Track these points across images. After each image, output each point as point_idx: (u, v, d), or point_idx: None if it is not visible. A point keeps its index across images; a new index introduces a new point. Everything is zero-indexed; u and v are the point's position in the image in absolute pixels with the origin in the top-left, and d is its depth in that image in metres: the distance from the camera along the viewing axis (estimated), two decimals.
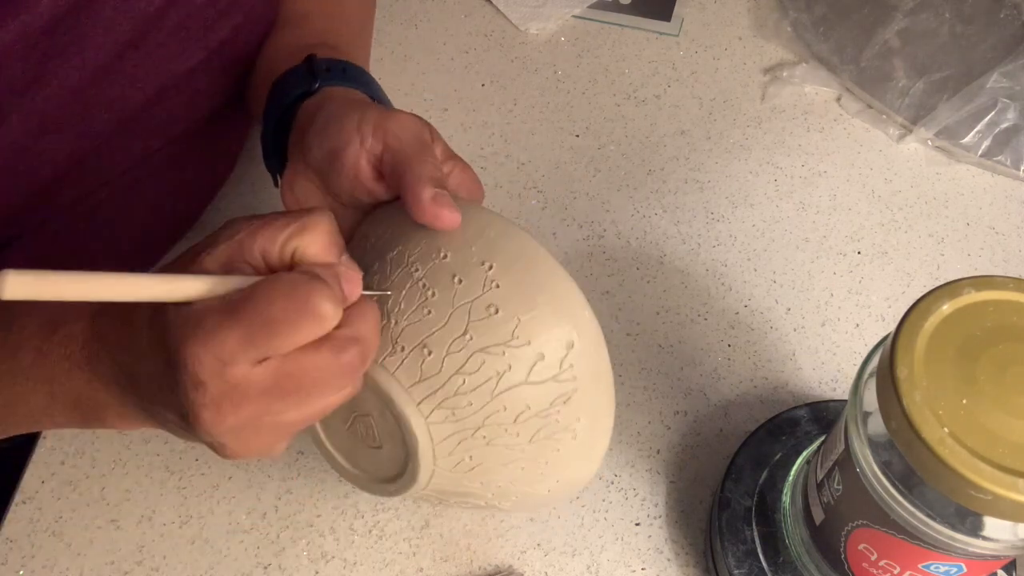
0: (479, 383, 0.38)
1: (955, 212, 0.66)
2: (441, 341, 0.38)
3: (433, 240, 0.39)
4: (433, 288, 0.38)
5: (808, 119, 0.71)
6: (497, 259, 0.38)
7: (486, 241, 0.39)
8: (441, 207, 0.39)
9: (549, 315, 0.38)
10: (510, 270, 0.38)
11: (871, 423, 0.37)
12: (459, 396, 0.38)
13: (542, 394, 0.39)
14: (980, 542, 0.35)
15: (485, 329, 0.38)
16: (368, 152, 0.42)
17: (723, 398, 0.57)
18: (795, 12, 0.76)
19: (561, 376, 0.39)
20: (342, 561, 0.51)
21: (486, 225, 0.39)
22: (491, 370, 0.38)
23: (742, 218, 0.65)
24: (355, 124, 0.42)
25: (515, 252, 0.38)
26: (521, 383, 0.38)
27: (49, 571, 0.51)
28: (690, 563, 0.51)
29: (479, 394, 0.38)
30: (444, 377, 0.38)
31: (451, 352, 0.38)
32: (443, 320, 0.38)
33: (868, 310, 0.61)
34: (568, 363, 0.39)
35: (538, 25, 0.76)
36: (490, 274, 0.38)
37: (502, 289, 0.38)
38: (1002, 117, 0.67)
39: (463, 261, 0.38)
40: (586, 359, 0.39)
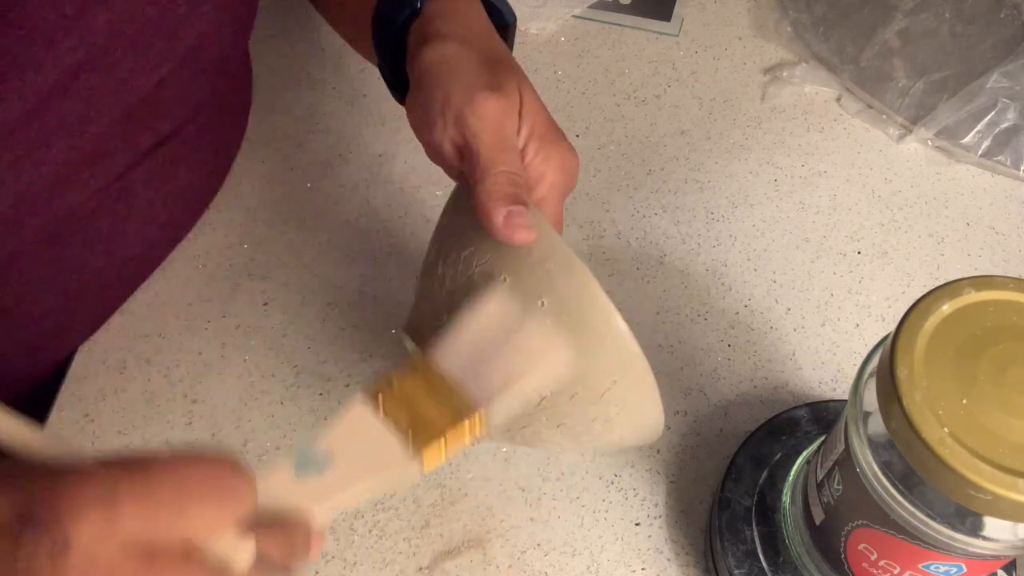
0: (524, 402, 0.39)
1: (955, 212, 0.66)
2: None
3: (499, 255, 0.40)
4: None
5: (808, 119, 0.71)
6: (551, 296, 0.39)
7: (544, 273, 0.39)
8: (514, 229, 0.39)
9: (593, 356, 0.39)
10: (563, 310, 0.39)
11: (871, 423, 0.37)
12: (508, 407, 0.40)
13: (579, 416, 0.41)
14: (980, 542, 0.35)
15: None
16: (450, 140, 0.42)
17: (723, 398, 0.57)
18: (795, 12, 0.76)
19: (600, 403, 0.41)
20: (342, 561, 0.51)
21: (548, 255, 0.39)
22: (535, 395, 0.40)
23: (742, 218, 0.65)
24: (440, 105, 0.42)
25: (570, 290, 0.39)
26: (560, 405, 0.40)
27: None
28: (690, 563, 0.51)
29: (524, 409, 0.40)
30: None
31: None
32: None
33: (868, 310, 0.61)
34: (610, 396, 0.40)
35: (538, 25, 0.76)
36: (543, 311, 0.39)
37: (551, 326, 0.39)
38: (1002, 117, 0.67)
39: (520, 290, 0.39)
40: (631, 391, 0.41)
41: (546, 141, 0.44)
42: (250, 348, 0.59)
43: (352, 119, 0.70)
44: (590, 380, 0.40)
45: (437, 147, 0.42)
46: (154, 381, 0.57)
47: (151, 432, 0.55)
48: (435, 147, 0.43)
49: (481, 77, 0.43)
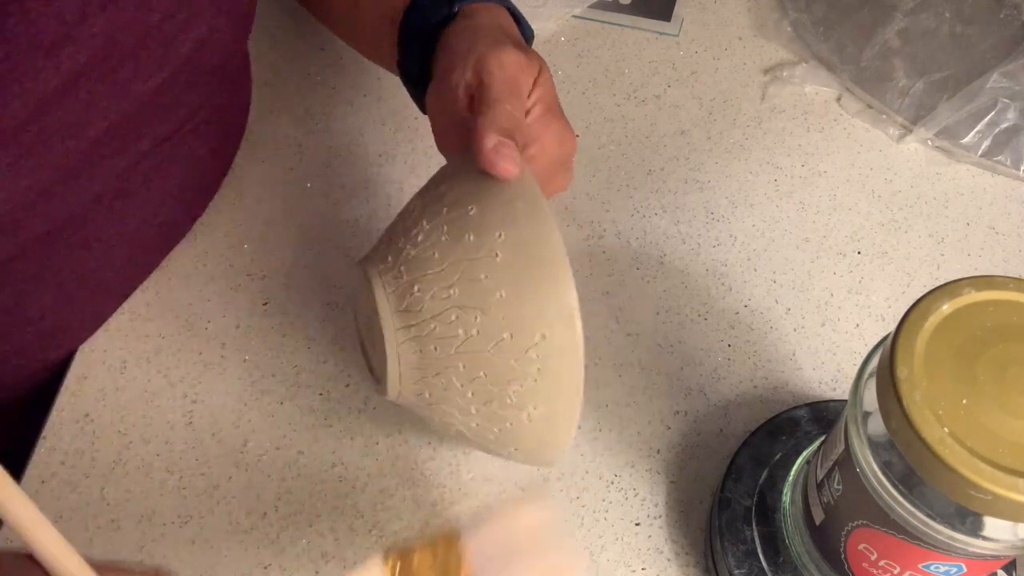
0: (447, 335, 0.40)
1: (955, 212, 0.66)
2: (430, 284, 0.40)
3: (475, 189, 0.41)
4: (448, 234, 0.40)
5: (808, 119, 0.71)
6: (510, 232, 0.39)
7: (510, 211, 0.40)
8: (500, 158, 0.39)
9: (531, 302, 0.39)
10: (517, 247, 0.39)
11: (871, 423, 0.37)
12: (428, 339, 0.40)
13: (500, 369, 0.40)
14: (980, 542, 0.35)
15: (470, 289, 0.40)
16: (466, 83, 0.43)
17: (723, 398, 0.57)
18: (795, 12, 0.76)
19: (523, 360, 0.40)
20: (342, 561, 0.51)
21: (517, 196, 0.40)
22: (460, 328, 0.40)
23: (742, 218, 0.65)
24: (464, 52, 0.43)
25: (530, 233, 0.39)
26: (482, 351, 0.40)
27: None
28: (690, 563, 0.51)
29: (444, 344, 0.40)
30: (421, 316, 0.40)
31: (435, 297, 0.40)
32: (440, 266, 0.40)
33: (868, 310, 0.61)
34: (535, 353, 0.40)
35: (538, 25, 0.76)
36: (498, 242, 0.39)
37: (500, 261, 0.39)
38: (1002, 117, 0.67)
39: (481, 222, 0.40)
40: (555, 357, 0.40)
41: (551, 111, 0.45)
42: (250, 348, 0.59)
43: (352, 119, 0.70)
44: (521, 326, 0.39)
45: (452, 92, 0.43)
46: (154, 381, 0.57)
47: (151, 432, 0.55)
48: (450, 92, 0.43)
49: (508, 41, 0.44)
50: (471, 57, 0.43)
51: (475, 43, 0.43)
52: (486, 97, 0.42)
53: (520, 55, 0.43)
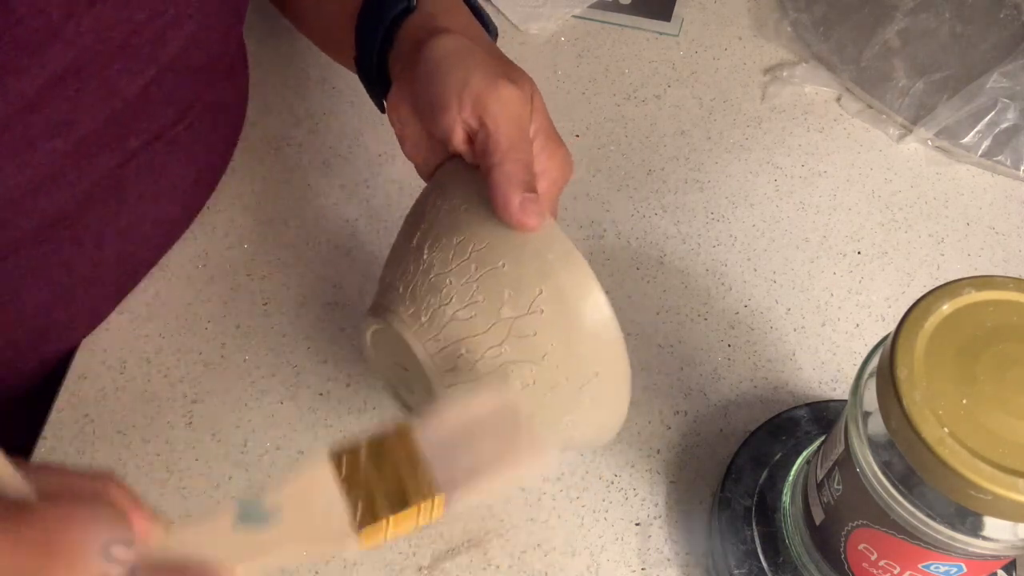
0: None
1: (955, 212, 0.66)
2: (479, 346, 0.40)
3: (499, 242, 0.41)
4: (483, 294, 0.40)
5: (808, 119, 0.71)
6: (549, 285, 0.40)
7: (543, 263, 0.40)
8: (526, 215, 0.39)
9: (582, 347, 0.40)
10: (560, 300, 0.40)
11: (871, 423, 0.37)
12: None
13: (555, 406, 0.41)
14: (980, 542, 0.35)
15: (521, 347, 0.40)
16: (465, 121, 0.42)
17: (723, 398, 0.57)
18: (795, 12, 0.76)
19: (577, 396, 0.41)
20: (342, 561, 0.51)
21: (548, 246, 0.40)
22: (517, 380, 0.40)
23: (742, 218, 0.65)
24: (458, 89, 0.42)
25: (568, 281, 0.40)
26: (539, 396, 0.41)
27: None
28: (690, 563, 0.51)
29: None
30: (474, 374, 0.41)
31: (486, 357, 0.40)
32: (485, 328, 0.40)
33: (868, 310, 0.61)
34: (588, 389, 0.41)
35: (538, 25, 0.76)
36: (539, 300, 0.40)
37: (545, 315, 0.40)
38: (1002, 117, 0.67)
39: (518, 277, 0.40)
40: (607, 387, 0.41)
41: (551, 139, 0.45)
42: (250, 348, 0.59)
43: (352, 119, 0.70)
44: (574, 372, 0.40)
45: (447, 129, 0.42)
46: (154, 381, 0.57)
47: (151, 432, 0.55)
48: (444, 129, 0.43)
49: (498, 67, 0.44)
50: (467, 96, 0.42)
51: (468, 75, 0.42)
52: (496, 148, 0.41)
53: (515, 89, 0.43)
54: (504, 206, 0.40)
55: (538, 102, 0.44)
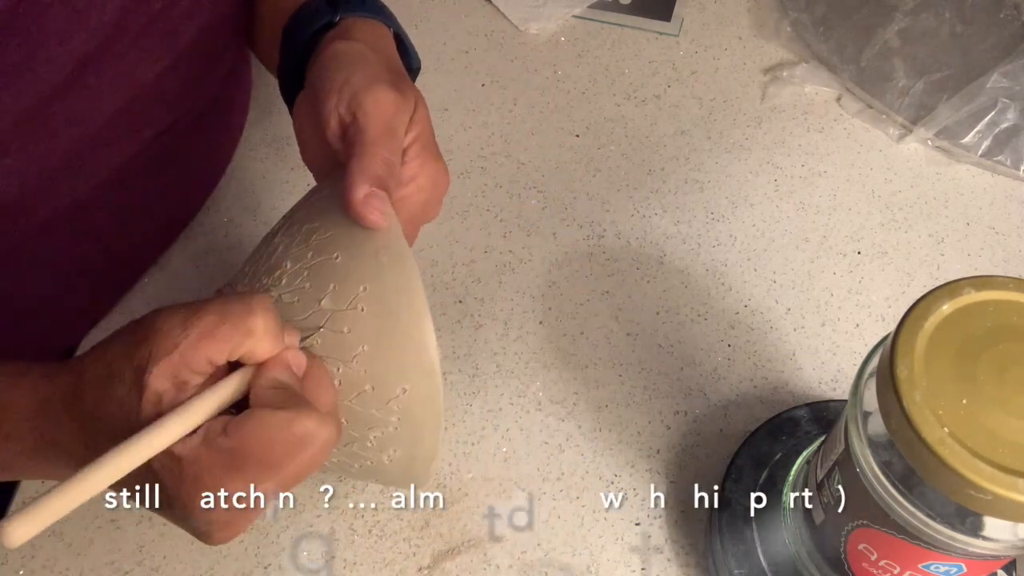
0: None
1: (955, 212, 0.66)
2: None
3: (341, 234, 0.40)
4: (310, 281, 0.40)
5: (808, 119, 0.71)
6: (374, 285, 0.39)
7: (375, 263, 0.39)
8: (369, 210, 0.39)
9: (393, 357, 0.39)
10: (381, 301, 0.39)
11: (871, 423, 0.37)
12: None
13: (361, 417, 0.40)
14: (980, 542, 0.35)
15: (332, 341, 0.39)
16: (340, 115, 0.42)
17: (723, 398, 0.57)
18: (795, 12, 0.76)
19: (384, 410, 0.40)
20: (342, 561, 0.51)
21: (383, 247, 0.39)
22: None
23: (742, 218, 0.65)
24: (340, 82, 0.42)
25: (394, 287, 0.39)
26: (345, 399, 0.40)
27: (49, 571, 0.51)
28: (690, 563, 0.51)
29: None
30: None
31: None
32: (303, 315, 0.39)
33: (868, 310, 0.61)
34: (395, 404, 0.40)
35: (538, 25, 0.76)
36: (362, 295, 0.39)
37: (364, 314, 0.39)
38: (1002, 117, 0.67)
39: (346, 272, 0.39)
40: (416, 407, 0.40)
41: (427, 151, 0.45)
42: None
43: None
44: (383, 381, 0.39)
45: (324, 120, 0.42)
46: None
47: None
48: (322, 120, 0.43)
49: (385, 74, 0.44)
50: (346, 90, 0.42)
51: (351, 73, 0.43)
52: (360, 139, 0.41)
53: (395, 94, 0.43)
54: (348, 194, 0.39)
55: (423, 115, 0.44)
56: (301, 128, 0.46)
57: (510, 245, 0.63)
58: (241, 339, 0.35)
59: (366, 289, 0.39)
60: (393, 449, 0.41)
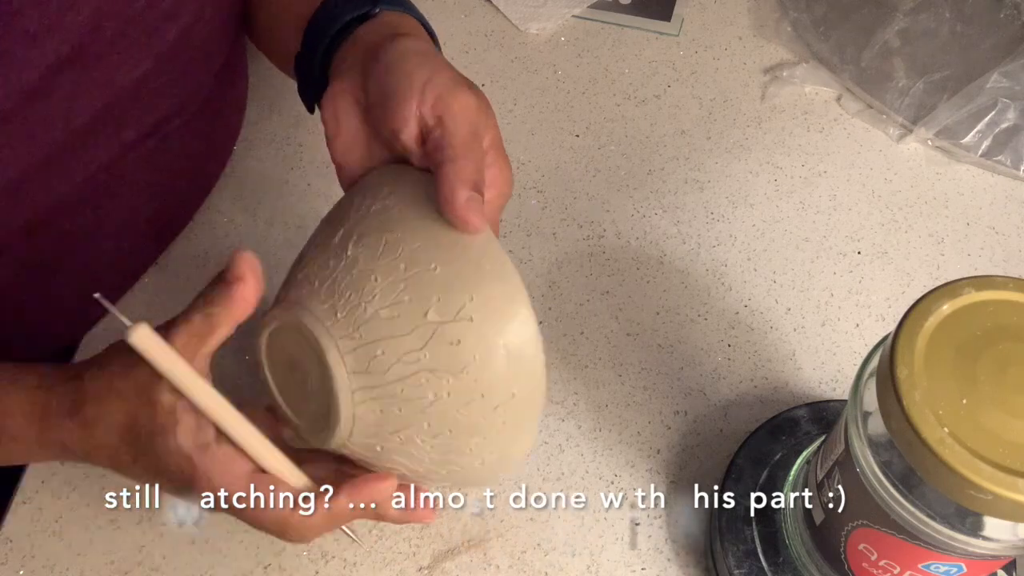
0: (415, 396, 0.38)
1: (955, 212, 0.66)
2: (397, 348, 0.38)
3: (433, 244, 0.39)
4: (410, 294, 0.38)
5: (808, 119, 0.71)
6: (481, 294, 0.38)
7: (478, 272, 0.38)
8: (471, 213, 0.39)
9: (505, 363, 0.38)
10: (489, 310, 0.38)
11: (871, 423, 0.37)
12: (392, 400, 0.39)
13: (466, 426, 0.39)
14: (980, 542, 0.35)
15: (442, 354, 0.38)
16: (422, 117, 0.41)
17: (723, 398, 0.57)
18: (795, 12, 0.76)
19: (490, 416, 0.39)
20: (342, 561, 0.51)
21: (484, 255, 0.38)
22: (430, 391, 0.38)
23: (742, 218, 0.65)
24: (422, 83, 0.41)
25: (501, 294, 0.38)
26: (451, 411, 0.39)
27: (49, 571, 0.51)
28: (690, 563, 0.51)
29: (410, 405, 0.39)
30: (386, 380, 0.38)
31: (402, 361, 0.38)
32: (407, 330, 0.38)
33: (868, 310, 0.61)
34: (503, 409, 0.39)
35: (538, 25, 0.76)
36: (468, 307, 0.38)
37: (474, 324, 0.38)
38: (1002, 117, 0.67)
39: (448, 283, 0.38)
40: (521, 410, 0.40)
41: (501, 155, 0.44)
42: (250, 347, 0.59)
43: None
44: (493, 388, 0.39)
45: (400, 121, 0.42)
46: None
47: None
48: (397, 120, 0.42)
49: (462, 76, 0.44)
50: (429, 92, 0.41)
51: (433, 74, 0.42)
52: (452, 143, 0.40)
53: (477, 99, 0.43)
54: (450, 200, 0.39)
55: (493, 118, 0.44)
56: (337, 121, 0.45)
57: (510, 245, 0.63)
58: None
59: (473, 299, 0.38)
60: (489, 452, 0.41)
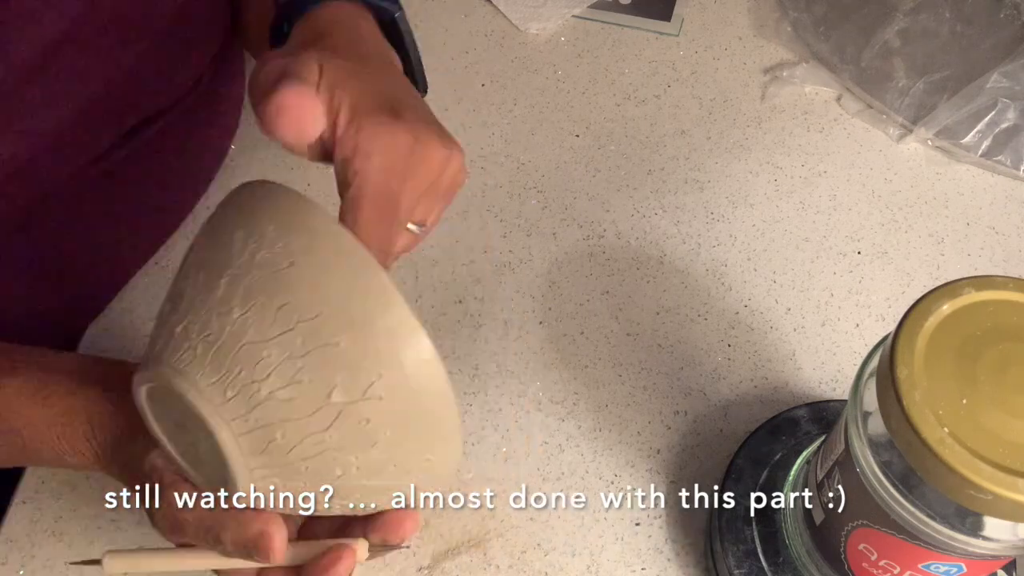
0: (320, 472, 0.36)
1: (955, 212, 0.66)
2: (299, 431, 0.35)
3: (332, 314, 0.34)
4: (311, 375, 0.34)
5: (808, 119, 0.71)
6: (392, 370, 0.35)
7: (389, 343, 0.34)
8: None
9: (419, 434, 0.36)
10: (401, 385, 0.35)
11: (871, 423, 0.37)
12: (296, 475, 0.36)
13: (376, 492, 0.38)
14: (980, 542, 0.35)
15: (349, 434, 0.35)
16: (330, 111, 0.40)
17: (723, 398, 0.57)
18: (795, 12, 0.76)
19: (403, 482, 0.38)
20: None
21: (395, 323, 0.34)
22: (337, 468, 0.36)
23: (742, 218, 0.65)
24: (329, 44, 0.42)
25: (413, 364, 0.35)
26: (361, 483, 0.37)
27: (49, 571, 0.51)
28: (690, 563, 0.51)
29: (314, 479, 0.36)
30: (288, 460, 0.36)
31: (305, 443, 0.35)
32: (308, 412, 0.35)
33: (868, 310, 0.61)
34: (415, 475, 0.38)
35: (538, 25, 0.76)
36: (377, 385, 0.34)
37: (384, 402, 0.35)
38: (1002, 117, 0.67)
39: (356, 361, 0.34)
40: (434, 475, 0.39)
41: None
42: None
43: None
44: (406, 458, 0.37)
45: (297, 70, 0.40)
46: None
47: None
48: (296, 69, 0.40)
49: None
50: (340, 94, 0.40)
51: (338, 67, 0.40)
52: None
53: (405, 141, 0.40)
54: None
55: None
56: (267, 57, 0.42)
57: (510, 245, 0.63)
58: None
59: (382, 376, 0.34)
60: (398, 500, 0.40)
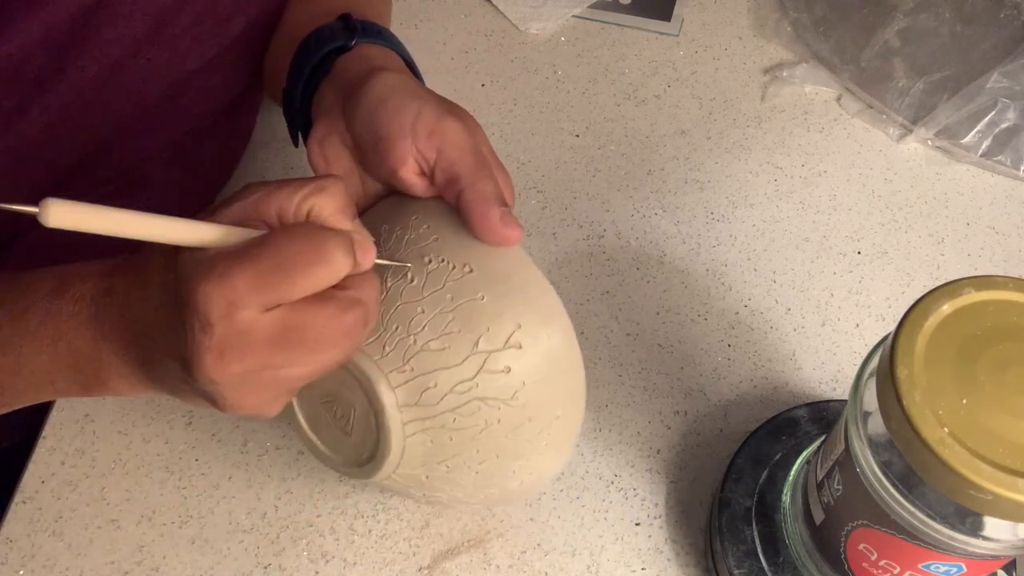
0: (467, 425, 0.39)
1: (955, 212, 0.66)
2: (449, 379, 0.39)
3: (476, 272, 0.39)
4: (460, 325, 0.38)
5: (808, 119, 0.71)
6: (527, 320, 0.39)
7: (524, 299, 0.39)
8: (508, 227, 0.39)
9: (551, 386, 0.40)
10: (537, 337, 0.39)
11: (871, 423, 0.37)
12: (443, 429, 0.39)
13: (513, 450, 0.40)
14: (980, 542, 0.35)
15: (493, 382, 0.39)
16: (419, 152, 0.42)
17: (723, 398, 0.57)
18: (795, 12, 0.76)
19: (536, 439, 0.40)
20: (342, 561, 0.51)
21: (528, 281, 0.39)
22: (482, 419, 0.39)
23: (742, 218, 0.65)
24: (411, 120, 0.42)
25: (547, 318, 0.39)
26: (500, 437, 0.40)
27: (49, 571, 0.51)
28: (690, 563, 0.51)
29: (462, 434, 0.39)
30: (438, 410, 0.39)
31: (455, 392, 0.39)
32: (458, 361, 0.38)
33: (868, 310, 0.61)
34: (548, 431, 0.40)
35: (538, 25, 0.76)
36: (517, 335, 0.39)
37: (523, 351, 0.39)
38: (1002, 117, 0.67)
39: (498, 312, 0.39)
40: (564, 432, 0.41)
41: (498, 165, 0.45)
42: None
43: None
44: (540, 412, 0.40)
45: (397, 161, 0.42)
46: None
47: (151, 432, 0.55)
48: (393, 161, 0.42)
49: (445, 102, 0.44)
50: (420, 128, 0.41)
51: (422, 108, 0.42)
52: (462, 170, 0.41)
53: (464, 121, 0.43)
54: (484, 222, 0.39)
55: (482, 132, 0.44)
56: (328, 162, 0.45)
57: None
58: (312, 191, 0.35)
59: (521, 326, 0.39)
60: (529, 473, 0.42)
